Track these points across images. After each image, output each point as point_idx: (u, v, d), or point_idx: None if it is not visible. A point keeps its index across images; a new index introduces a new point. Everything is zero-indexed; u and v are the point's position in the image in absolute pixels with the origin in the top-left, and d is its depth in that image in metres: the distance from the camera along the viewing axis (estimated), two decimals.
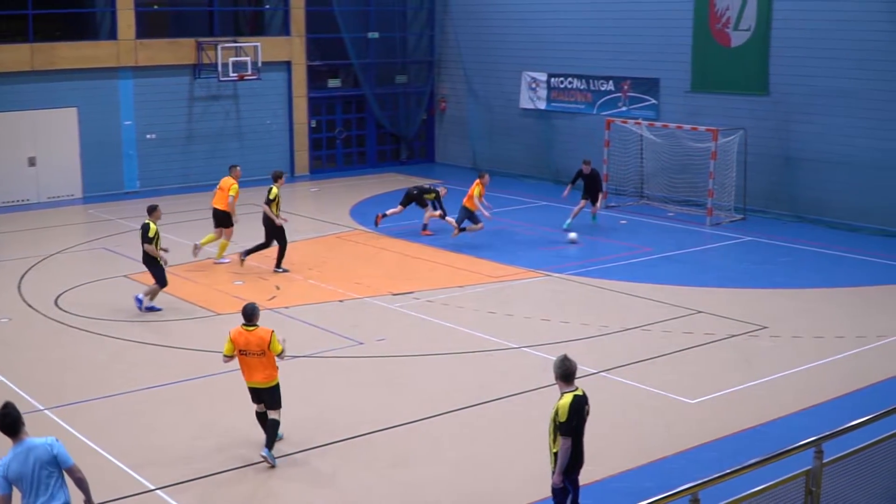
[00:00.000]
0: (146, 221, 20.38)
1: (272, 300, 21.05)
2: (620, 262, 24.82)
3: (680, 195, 30.85)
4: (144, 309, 20.46)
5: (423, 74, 40.49)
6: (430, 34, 40.03)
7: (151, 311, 20.45)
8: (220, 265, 24.06)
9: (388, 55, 39.49)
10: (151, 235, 20.20)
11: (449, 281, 22.93)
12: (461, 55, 38.85)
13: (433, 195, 27.59)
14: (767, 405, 15.74)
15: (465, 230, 25.80)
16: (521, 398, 16.03)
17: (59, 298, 21.44)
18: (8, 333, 19.45)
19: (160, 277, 20.46)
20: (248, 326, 13.80)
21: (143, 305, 20.50)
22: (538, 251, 25.54)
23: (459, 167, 39.21)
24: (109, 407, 15.75)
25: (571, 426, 10.60)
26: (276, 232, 23.36)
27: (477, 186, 25.72)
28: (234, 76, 34.16)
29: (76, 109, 32.72)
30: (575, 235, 26.46)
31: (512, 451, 14.16)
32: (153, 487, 12.96)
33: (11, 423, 9.65)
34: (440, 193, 27.65)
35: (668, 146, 31.07)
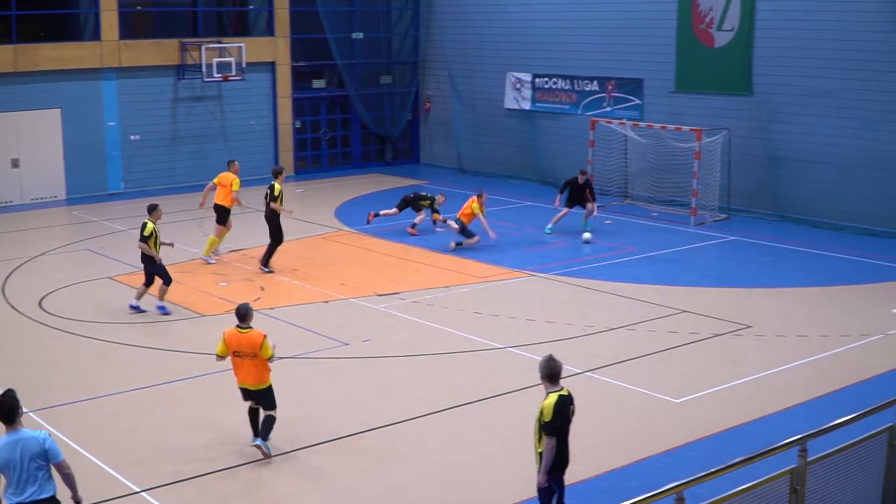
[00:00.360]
0: (144, 220, 20.42)
1: (257, 301, 21.02)
2: (605, 262, 24.86)
3: (664, 195, 30.90)
4: (157, 307, 20.49)
5: (407, 75, 40.49)
6: (414, 35, 40.03)
7: (163, 312, 20.49)
8: (207, 266, 24.03)
9: (372, 56, 39.49)
10: (146, 234, 20.19)
11: (434, 281, 22.94)
12: (446, 56, 38.86)
13: (428, 202, 27.83)
14: (752, 404, 15.79)
15: (461, 245, 25.64)
16: (506, 398, 16.05)
17: (43, 300, 21.38)
18: None
19: (160, 275, 20.46)
20: (241, 328, 13.85)
21: (159, 305, 20.54)
22: (523, 251, 25.56)
23: (444, 167, 39.24)
24: (95, 409, 15.72)
25: (556, 426, 10.62)
26: (277, 230, 23.58)
27: (474, 203, 25.67)
28: (218, 77, 34.11)
29: (59, 110, 32.62)
30: (589, 235, 26.54)
31: (497, 451, 14.18)
32: (138, 489, 12.94)
33: (9, 410, 9.87)
34: (437, 201, 27.87)
35: (652, 146, 31.14)
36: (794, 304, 21.29)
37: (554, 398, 10.66)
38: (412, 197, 28.07)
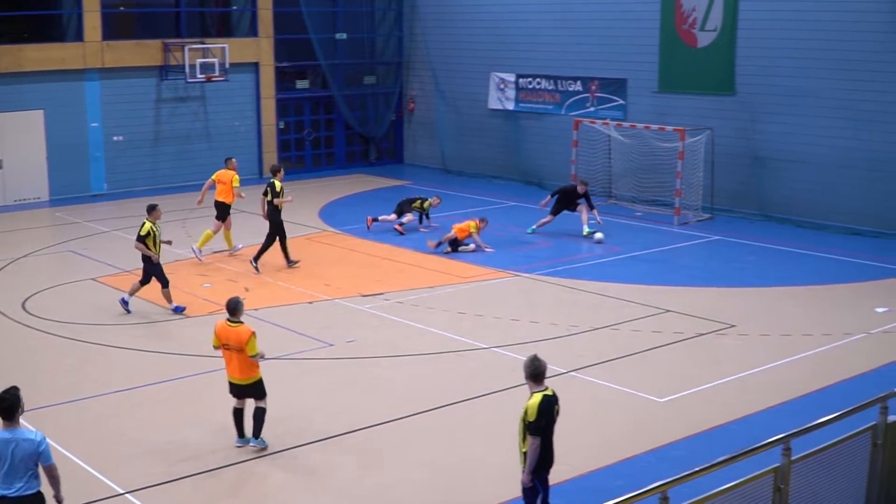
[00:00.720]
0: (144, 220, 20.43)
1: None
2: (589, 261, 24.91)
3: (648, 195, 30.96)
4: (172, 309, 20.51)
5: (391, 75, 40.46)
6: (398, 35, 40.01)
7: (178, 311, 20.52)
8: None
9: (356, 56, 39.47)
10: (143, 234, 20.17)
11: (419, 282, 22.94)
12: (429, 56, 38.86)
13: (418, 203, 28.08)
14: (735, 403, 15.83)
15: (458, 251, 25.42)
16: (491, 398, 16.06)
17: (26, 302, 21.31)
18: None
19: (158, 277, 20.45)
20: (231, 321, 13.93)
21: (173, 308, 20.56)
22: (508, 251, 25.58)
23: (428, 168, 39.24)
24: (79, 410, 15.67)
25: (540, 426, 10.63)
26: (278, 228, 23.72)
27: (473, 224, 25.64)
28: (201, 77, 34.03)
29: (42, 112, 32.49)
30: (601, 235, 26.57)
31: (482, 451, 14.18)
32: (122, 491, 12.91)
33: (9, 407, 9.99)
34: (431, 203, 28.22)
35: (635, 146, 31.19)
36: (777, 303, 21.36)
37: (538, 398, 10.67)
38: (404, 201, 28.37)
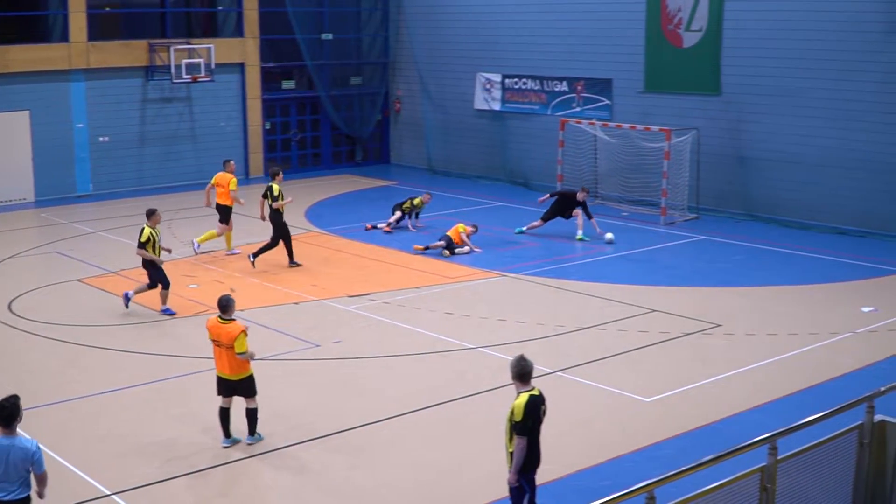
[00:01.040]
0: (143, 226, 20.38)
1: None
2: (575, 261, 24.95)
3: (634, 195, 31.00)
4: (162, 310, 20.45)
5: (377, 76, 40.45)
6: (384, 35, 40.00)
7: (167, 314, 20.44)
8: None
9: (342, 56, 39.43)
10: (143, 240, 20.14)
11: (405, 282, 22.93)
12: (415, 56, 38.86)
13: (408, 204, 28.23)
14: (722, 402, 15.87)
15: (455, 254, 25.32)
16: (478, 398, 16.07)
17: (12, 303, 21.25)
18: None
19: (161, 280, 20.42)
20: (222, 318, 13.98)
21: (163, 309, 20.50)
22: (494, 252, 25.58)
23: (415, 168, 39.24)
24: (65, 412, 15.63)
25: (526, 426, 10.64)
26: (282, 230, 23.83)
27: (461, 226, 25.62)
28: (187, 78, 33.96)
29: (28, 113, 32.39)
30: (611, 236, 26.61)
31: (469, 451, 14.19)
32: (109, 492, 12.89)
33: (8, 415, 10.13)
34: (422, 200, 28.39)
35: (621, 146, 31.22)
36: (763, 302, 21.41)
37: (525, 398, 10.69)
38: (398, 204, 28.55)
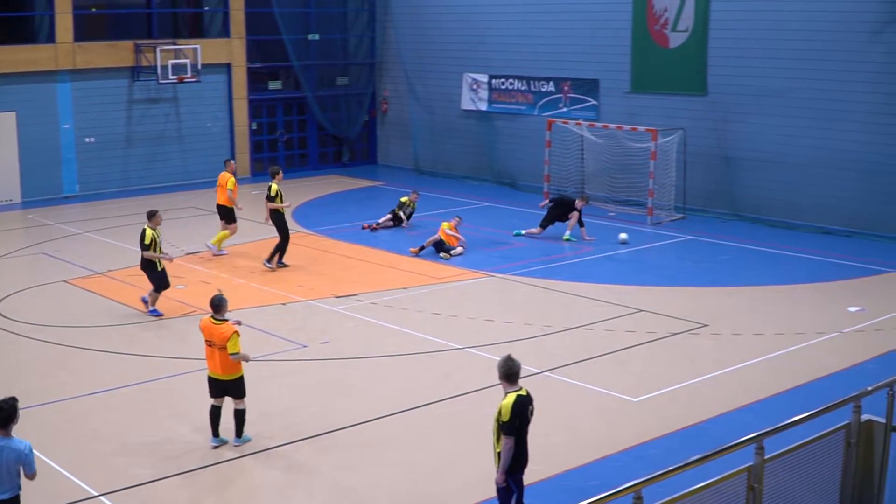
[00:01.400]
0: (144, 227, 20.31)
1: None
2: (563, 262, 24.97)
3: (621, 195, 31.03)
4: (149, 312, 20.40)
5: (364, 76, 40.44)
6: (370, 36, 39.99)
7: (155, 315, 20.37)
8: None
9: (328, 57, 39.41)
10: (147, 242, 20.09)
11: (393, 283, 22.94)
12: (402, 57, 38.85)
13: (399, 206, 28.54)
14: (709, 402, 15.91)
15: (445, 255, 25.28)
16: (465, 399, 16.08)
17: None
18: None
19: (156, 283, 20.37)
20: (215, 318, 13.97)
21: (148, 308, 20.47)
22: (481, 252, 25.60)
23: (402, 168, 39.24)
24: (53, 413, 15.59)
25: (514, 426, 10.65)
26: (280, 229, 23.89)
27: (447, 224, 25.65)
28: (173, 78, 33.89)
29: (14, 114, 32.31)
30: (625, 236, 26.68)
31: (457, 451, 14.21)
32: (96, 493, 12.87)
33: (5, 417, 10.21)
34: (410, 200, 28.67)
35: (608, 146, 31.26)
36: (750, 302, 21.46)
37: (512, 398, 10.70)
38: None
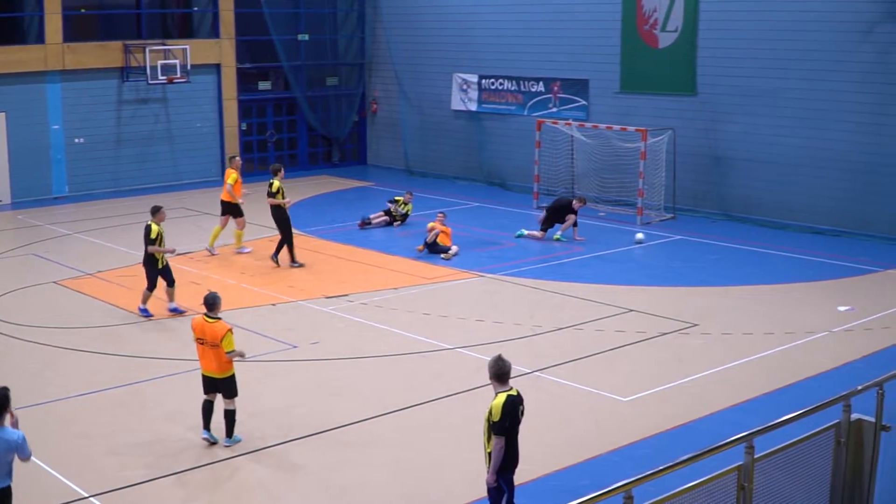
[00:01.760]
0: (148, 223, 20.30)
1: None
2: (553, 262, 24.98)
3: (611, 195, 31.06)
4: (140, 310, 20.40)
5: (354, 76, 40.43)
6: (360, 36, 39.97)
7: (145, 315, 20.38)
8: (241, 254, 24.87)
9: (318, 57, 39.39)
10: (153, 237, 20.08)
11: (383, 283, 22.93)
12: (392, 57, 38.84)
13: (392, 206, 28.79)
14: (699, 402, 15.93)
15: (446, 256, 25.22)
16: (456, 399, 16.09)
17: None
18: None
19: (152, 281, 20.37)
20: (208, 317, 13.96)
21: (141, 309, 20.45)
22: (472, 252, 25.60)
23: (392, 169, 39.23)
24: (42, 414, 15.54)
25: (504, 426, 10.65)
26: (282, 226, 24.09)
27: (433, 225, 25.66)
28: (162, 79, 33.85)
29: (4, 115, 32.23)
30: (642, 235, 26.77)
31: (448, 451, 14.21)
32: (87, 495, 12.85)
33: None
34: (404, 200, 28.87)
35: (598, 146, 31.29)
36: (739, 302, 21.50)
37: (503, 398, 10.70)
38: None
